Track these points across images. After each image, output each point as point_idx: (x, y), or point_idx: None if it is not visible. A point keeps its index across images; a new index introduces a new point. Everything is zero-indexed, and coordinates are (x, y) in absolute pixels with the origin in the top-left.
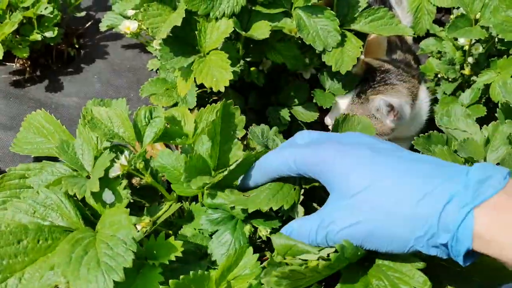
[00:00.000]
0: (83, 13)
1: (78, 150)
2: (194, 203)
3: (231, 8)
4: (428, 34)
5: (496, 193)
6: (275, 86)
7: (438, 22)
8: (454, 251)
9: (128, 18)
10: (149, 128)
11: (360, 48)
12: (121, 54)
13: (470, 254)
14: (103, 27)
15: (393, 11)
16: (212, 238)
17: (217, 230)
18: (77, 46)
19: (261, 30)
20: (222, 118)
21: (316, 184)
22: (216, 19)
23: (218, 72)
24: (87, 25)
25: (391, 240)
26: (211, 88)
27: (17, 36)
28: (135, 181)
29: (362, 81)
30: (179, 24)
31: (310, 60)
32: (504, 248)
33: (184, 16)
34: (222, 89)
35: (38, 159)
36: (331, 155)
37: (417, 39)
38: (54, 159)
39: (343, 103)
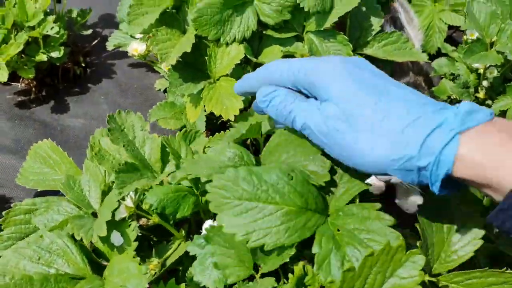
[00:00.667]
0: (89, 31)
1: (84, 186)
2: None
3: (242, 33)
4: (439, 52)
5: (482, 123)
6: None
7: (449, 38)
8: (432, 176)
9: (135, 38)
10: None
11: None
12: (128, 73)
13: (447, 183)
14: (110, 46)
15: (404, 29)
16: None
17: None
18: (83, 65)
19: (272, 56)
20: None
21: None
22: (227, 44)
23: (228, 100)
24: (93, 43)
25: (366, 155)
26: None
27: (23, 56)
28: (142, 222)
29: None
30: (188, 50)
31: None
32: (486, 171)
33: (194, 41)
34: (232, 118)
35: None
36: (330, 67)
37: (431, 57)
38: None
39: None
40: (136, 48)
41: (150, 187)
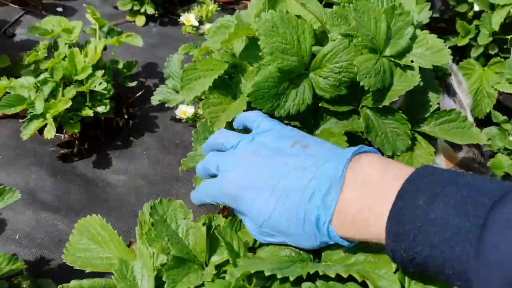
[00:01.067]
0: (134, 83)
1: (137, 274)
2: None
3: (297, 107)
4: (488, 118)
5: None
6: None
7: (497, 102)
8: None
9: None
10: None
11: (431, 154)
12: (170, 127)
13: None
14: (154, 101)
15: (456, 96)
16: None
17: None
18: (126, 116)
19: (336, 139)
20: None
21: None
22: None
23: None
24: (137, 94)
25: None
26: None
27: (69, 109)
28: None
29: None
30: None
31: None
32: (358, 228)
33: (245, 108)
34: None
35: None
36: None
37: (478, 122)
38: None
39: None
40: (185, 111)
41: (201, 283)
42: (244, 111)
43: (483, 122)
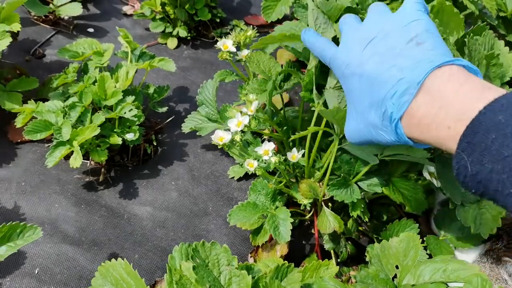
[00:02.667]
0: (165, 109)
1: None
2: None
3: None
4: None
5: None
6: (373, 217)
7: None
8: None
9: (214, 121)
10: None
11: None
12: (201, 156)
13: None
14: (185, 129)
15: None
16: None
17: None
18: (155, 143)
19: None
20: None
21: None
22: None
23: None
24: (167, 120)
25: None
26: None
27: (97, 136)
28: None
29: (494, 235)
30: None
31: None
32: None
33: None
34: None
35: None
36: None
37: None
38: None
39: (464, 258)
40: (222, 137)
41: None
42: None
43: None
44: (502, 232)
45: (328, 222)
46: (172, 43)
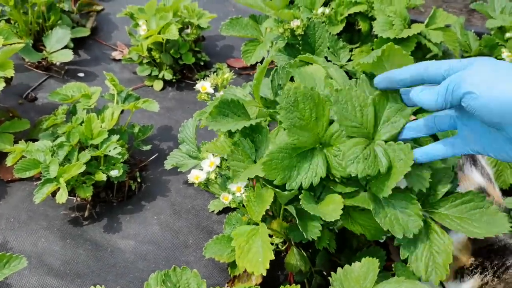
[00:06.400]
0: (149, 147)
1: None
2: None
3: (309, 180)
4: None
5: None
6: (346, 246)
7: None
8: None
9: (194, 158)
10: None
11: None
12: (183, 191)
13: None
14: (167, 165)
15: (484, 168)
16: None
17: None
18: (139, 180)
19: (333, 206)
20: None
21: None
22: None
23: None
24: (151, 158)
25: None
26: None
27: (82, 173)
28: None
29: (478, 267)
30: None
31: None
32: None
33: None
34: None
35: None
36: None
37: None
38: None
39: None
40: (197, 175)
41: None
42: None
43: (507, 192)
44: (481, 259)
45: (295, 261)
46: (158, 85)
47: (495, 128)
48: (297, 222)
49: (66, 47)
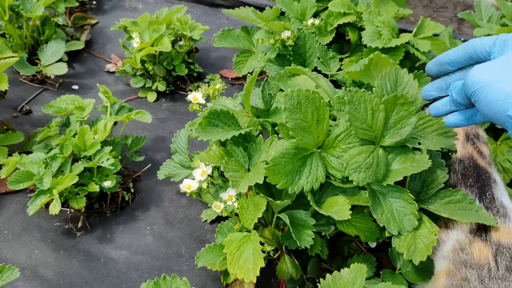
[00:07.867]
0: (142, 158)
1: None
2: None
3: (311, 184)
4: None
5: None
6: (338, 254)
7: None
8: None
9: (187, 168)
10: None
11: (435, 234)
12: (176, 201)
13: None
14: (160, 175)
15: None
16: None
17: None
18: (132, 191)
19: (339, 207)
20: None
21: None
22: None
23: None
24: (144, 168)
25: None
26: None
27: (76, 185)
28: None
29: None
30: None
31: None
32: None
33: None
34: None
35: None
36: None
37: None
38: None
39: None
40: (190, 185)
41: None
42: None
43: None
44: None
45: (286, 268)
46: (151, 96)
47: None
48: (290, 230)
49: (60, 60)
